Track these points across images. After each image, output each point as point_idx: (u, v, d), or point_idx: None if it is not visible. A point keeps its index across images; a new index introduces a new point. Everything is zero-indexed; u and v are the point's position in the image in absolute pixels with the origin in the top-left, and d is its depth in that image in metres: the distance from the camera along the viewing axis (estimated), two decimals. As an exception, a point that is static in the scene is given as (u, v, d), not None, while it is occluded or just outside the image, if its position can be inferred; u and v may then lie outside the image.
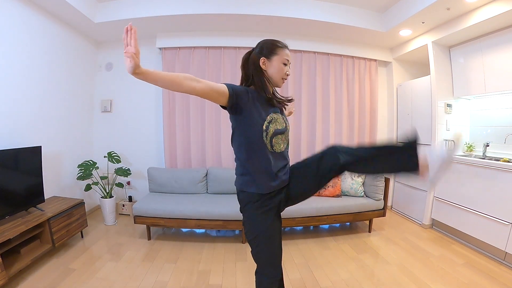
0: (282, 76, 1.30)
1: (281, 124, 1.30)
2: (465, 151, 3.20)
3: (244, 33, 3.44)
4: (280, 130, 1.29)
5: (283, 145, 1.32)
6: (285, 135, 1.33)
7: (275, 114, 1.29)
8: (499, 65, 2.64)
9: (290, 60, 1.31)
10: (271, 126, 1.26)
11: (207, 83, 1.09)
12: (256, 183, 1.27)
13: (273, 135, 1.26)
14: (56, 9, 2.72)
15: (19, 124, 2.49)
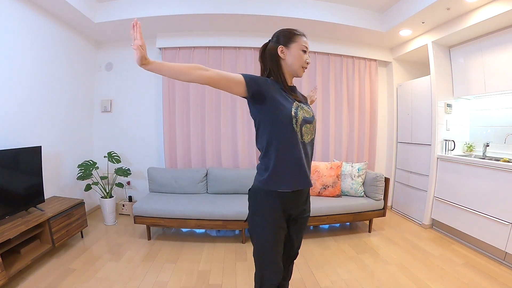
0: (302, 64, 1.23)
1: (308, 112, 1.24)
2: (465, 151, 3.21)
3: (244, 33, 3.44)
4: (308, 119, 1.22)
5: (311, 136, 1.25)
6: (313, 125, 1.26)
7: (299, 102, 1.24)
8: (499, 65, 2.64)
9: (308, 48, 1.26)
10: (299, 112, 1.18)
11: (216, 71, 1.09)
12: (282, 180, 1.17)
13: (303, 122, 1.18)
14: (56, 9, 2.72)
15: (19, 124, 2.49)
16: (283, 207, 1.22)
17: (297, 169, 1.18)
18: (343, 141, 3.74)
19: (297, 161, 1.17)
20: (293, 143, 1.16)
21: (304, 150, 1.20)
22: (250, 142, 3.53)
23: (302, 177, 1.20)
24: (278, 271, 1.24)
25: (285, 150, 1.16)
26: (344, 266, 2.33)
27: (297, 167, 1.18)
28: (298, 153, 1.17)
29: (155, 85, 3.64)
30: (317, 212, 2.80)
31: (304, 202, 1.31)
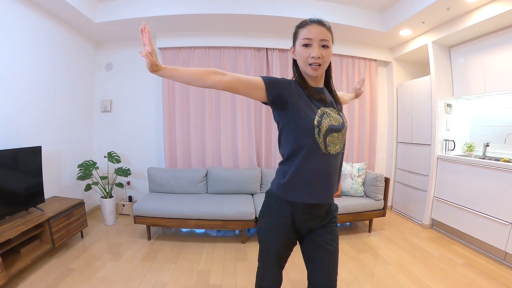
0: (305, 61, 1.05)
1: (336, 119, 1.09)
2: (465, 151, 3.21)
3: (244, 33, 3.44)
4: (336, 127, 1.07)
5: (339, 145, 1.09)
6: (342, 134, 1.10)
7: (327, 108, 1.09)
8: (499, 65, 2.64)
9: (315, 38, 1.02)
10: (324, 121, 1.05)
11: (234, 76, 1.01)
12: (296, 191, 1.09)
13: (328, 132, 1.05)
14: (56, 9, 2.72)
15: (19, 124, 2.49)
16: (295, 218, 1.12)
17: (315, 182, 1.07)
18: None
19: (317, 173, 1.06)
20: (314, 154, 1.05)
21: (327, 163, 1.06)
22: (250, 142, 3.52)
23: (320, 191, 1.08)
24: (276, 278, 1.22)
25: (305, 160, 1.05)
26: (344, 266, 2.32)
27: (316, 180, 1.07)
28: (318, 165, 1.05)
29: (155, 85, 3.64)
30: (317, 212, 2.80)
31: (325, 215, 1.16)
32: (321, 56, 1.03)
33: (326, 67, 1.11)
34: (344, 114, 1.17)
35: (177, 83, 3.46)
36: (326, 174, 1.08)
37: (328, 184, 1.09)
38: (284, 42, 3.50)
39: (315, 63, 1.04)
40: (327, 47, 1.05)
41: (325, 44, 1.04)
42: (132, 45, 3.64)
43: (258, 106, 3.58)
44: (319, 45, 1.03)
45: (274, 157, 3.60)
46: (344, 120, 1.13)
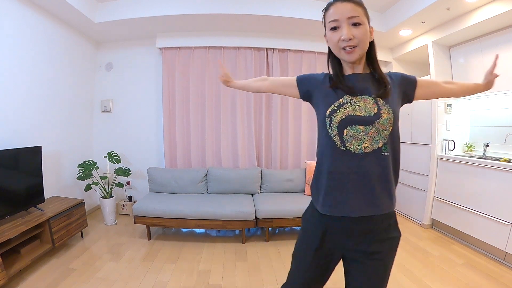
0: (337, 45, 0.90)
1: (365, 109, 0.88)
2: (465, 151, 3.20)
3: (244, 33, 3.44)
4: (358, 118, 0.87)
5: (369, 143, 0.87)
6: (376, 127, 0.87)
7: (356, 96, 0.90)
8: (499, 65, 2.63)
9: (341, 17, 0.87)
10: (341, 110, 0.88)
11: (273, 79, 1.16)
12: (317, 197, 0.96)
13: (343, 124, 0.88)
14: (56, 9, 2.72)
15: (19, 124, 2.49)
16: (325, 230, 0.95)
17: (332, 189, 0.90)
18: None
19: (332, 176, 0.89)
20: (328, 152, 0.90)
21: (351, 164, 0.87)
22: (250, 142, 3.52)
23: (340, 201, 0.89)
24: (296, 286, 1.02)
25: (321, 161, 0.93)
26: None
27: (332, 186, 0.89)
28: (331, 166, 0.89)
29: (155, 85, 3.64)
30: (317, 212, 2.80)
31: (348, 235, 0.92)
32: (353, 37, 0.86)
33: (367, 48, 0.92)
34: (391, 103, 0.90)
35: (177, 83, 3.46)
36: (345, 178, 0.88)
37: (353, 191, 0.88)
38: (284, 42, 3.51)
39: (348, 46, 0.87)
40: (359, 24, 0.87)
41: (356, 21, 0.86)
42: (132, 45, 3.65)
43: (258, 106, 3.58)
44: (348, 24, 0.87)
45: (274, 157, 3.60)
46: (382, 110, 0.88)
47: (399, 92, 0.97)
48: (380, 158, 0.88)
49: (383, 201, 0.89)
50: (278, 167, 3.61)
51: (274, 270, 2.25)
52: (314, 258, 0.97)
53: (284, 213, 2.75)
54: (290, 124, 3.62)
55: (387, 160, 0.89)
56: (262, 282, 2.08)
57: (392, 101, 0.92)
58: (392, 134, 0.90)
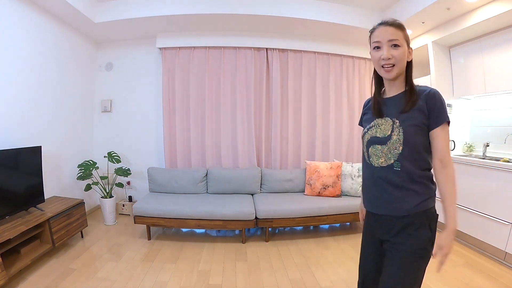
0: (378, 63, 1.04)
1: (383, 131, 1.05)
2: (465, 151, 3.20)
3: (244, 33, 3.44)
4: (377, 139, 1.06)
5: (384, 159, 1.04)
6: (388, 147, 1.02)
7: (382, 119, 1.07)
8: (499, 65, 2.64)
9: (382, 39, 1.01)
10: (369, 132, 1.11)
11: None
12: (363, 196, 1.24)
13: (369, 143, 1.10)
14: (56, 9, 2.72)
15: (19, 124, 2.49)
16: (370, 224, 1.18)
17: (366, 191, 1.17)
18: (343, 141, 3.74)
19: (365, 182, 1.17)
20: (364, 163, 1.17)
21: (371, 173, 1.09)
22: (250, 142, 3.53)
23: (369, 201, 1.14)
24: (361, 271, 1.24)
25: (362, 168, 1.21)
26: (344, 266, 2.32)
27: (366, 189, 1.16)
28: (365, 174, 1.17)
29: (155, 85, 3.64)
30: (317, 212, 2.80)
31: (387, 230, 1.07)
32: (392, 57, 1.00)
33: (404, 68, 1.04)
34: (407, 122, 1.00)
35: (177, 83, 3.46)
36: (370, 184, 1.12)
37: (373, 194, 1.10)
38: (284, 42, 3.51)
39: (387, 64, 1.01)
40: (398, 46, 1.00)
41: (395, 43, 1.00)
42: (132, 45, 3.65)
43: (258, 106, 3.58)
44: (388, 45, 1.00)
45: (274, 157, 3.60)
46: (394, 132, 1.02)
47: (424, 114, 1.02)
48: (393, 172, 1.03)
49: (398, 206, 1.03)
50: (278, 167, 3.61)
51: (274, 270, 2.25)
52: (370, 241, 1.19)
53: (284, 213, 2.75)
54: (290, 124, 3.62)
55: (399, 174, 1.02)
56: (262, 282, 2.08)
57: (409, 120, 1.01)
58: (404, 153, 1.00)
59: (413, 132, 1.00)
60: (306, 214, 2.78)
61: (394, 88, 1.09)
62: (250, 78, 3.51)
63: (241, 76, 3.51)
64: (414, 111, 1.00)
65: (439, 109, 1.03)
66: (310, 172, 3.20)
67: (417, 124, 1.01)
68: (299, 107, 3.63)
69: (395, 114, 1.04)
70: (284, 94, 3.61)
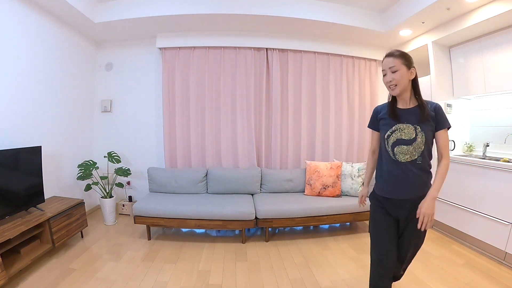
0: (386, 85, 1.45)
1: (408, 134, 1.40)
2: (465, 151, 3.20)
3: (244, 33, 3.44)
4: (404, 141, 1.41)
5: (410, 156, 1.40)
6: (413, 147, 1.39)
7: (404, 124, 1.42)
8: (499, 65, 2.64)
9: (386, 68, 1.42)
10: (393, 135, 1.44)
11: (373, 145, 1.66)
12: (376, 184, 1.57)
13: (394, 144, 1.43)
14: (56, 9, 2.72)
15: (19, 124, 2.49)
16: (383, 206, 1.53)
17: (384, 179, 1.49)
18: (343, 141, 3.74)
19: (388, 174, 1.47)
20: (386, 159, 1.48)
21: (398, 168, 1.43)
22: (250, 142, 3.53)
23: (388, 189, 1.47)
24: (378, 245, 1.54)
25: (381, 163, 1.53)
26: (344, 266, 2.32)
27: (388, 180, 1.47)
28: (387, 168, 1.46)
29: (155, 85, 3.64)
30: (317, 212, 2.80)
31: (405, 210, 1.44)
32: (392, 79, 1.39)
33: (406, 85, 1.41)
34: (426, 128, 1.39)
35: (177, 83, 3.46)
36: (393, 176, 1.45)
37: (397, 184, 1.44)
38: (284, 42, 3.51)
39: (390, 85, 1.41)
40: (397, 70, 1.38)
41: (394, 69, 1.38)
42: (132, 45, 3.65)
43: (258, 106, 3.58)
44: (389, 71, 1.40)
45: (274, 157, 3.60)
46: (420, 135, 1.39)
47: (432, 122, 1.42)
48: (416, 165, 1.41)
49: (416, 191, 1.41)
50: (278, 167, 3.61)
51: (274, 270, 2.25)
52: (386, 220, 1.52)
53: (284, 213, 2.75)
54: (290, 124, 3.62)
55: (420, 166, 1.41)
56: (262, 282, 2.08)
57: (427, 127, 1.40)
58: (424, 151, 1.40)
59: (431, 135, 1.41)
60: (306, 214, 2.78)
61: (403, 101, 1.46)
62: (250, 78, 3.51)
63: (241, 76, 3.51)
64: (429, 120, 1.39)
65: (443, 118, 1.43)
66: (310, 172, 3.20)
67: (431, 130, 1.41)
68: (299, 107, 3.64)
69: (415, 122, 1.40)
70: (284, 94, 3.61)
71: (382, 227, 1.51)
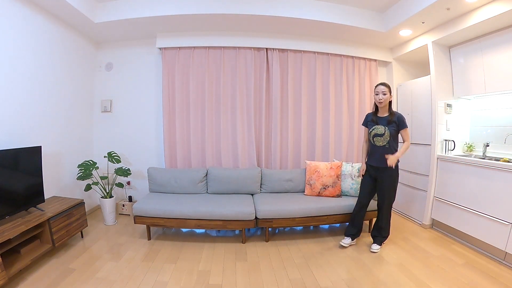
0: (376, 101, 2.52)
1: (380, 131, 2.48)
2: (465, 151, 3.20)
3: (244, 33, 3.44)
4: (378, 134, 2.49)
5: (382, 142, 2.48)
6: (384, 137, 2.47)
7: (379, 125, 2.50)
8: (499, 65, 2.64)
9: (379, 91, 2.48)
10: (373, 131, 2.53)
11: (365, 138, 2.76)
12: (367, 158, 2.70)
13: (374, 136, 2.53)
14: (56, 9, 2.73)
15: (19, 124, 2.49)
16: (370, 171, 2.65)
17: (371, 156, 2.61)
18: (343, 141, 3.74)
19: (372, 153, 2.59)
20: (371, 144, 2.61)
21: (376, 149, 2.53)
22: (250, 142, 3.53)
23: (372, 160, 2.58)
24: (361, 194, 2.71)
25: (370, 147, 2.64)
26: (344, 266, 2.33)
27: (372, 156, 2.59)
28: (372, 149, 2.60)
29: (155, 85, 3.64)
30: (317, 212, 2.80)
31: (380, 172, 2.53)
32: (382, 99, 2.47)
33: (387, 103, 2.50)
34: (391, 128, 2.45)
35: (177, 83, 3.46)
36: (374, 153, 2.56)
37: (378, 158, 2.51)
38: (284, 42, 3.51)
39: (380, 102, 2.48)
40: (385, 94, 2.46)
41: (384, 93, 2.46)
42: (132, 45, 3.65)
43: (258, 106, 3.58)
44: (382, 94, 2.47)
45: (274, 157, 3.60)
46: (386, 132, 2.46)
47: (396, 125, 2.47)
48: (385, 148, 2.48)
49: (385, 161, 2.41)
50: (278, 167, 3.61)
51: (274, 270, 2.25)
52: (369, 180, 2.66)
53: (284, 213, 2.75)
54: (290, 124, 3.62)
55: (388, 149, 2.47)
56: (262, 282, 2.08)
57: (391, 128, 2.46)
58: (390, 140, 2.47)
59: (393, 132, 2.47)
60: (306, 214, 2.78)
61: (382, 111, 2.55)
62: (250, 78, 3.51)
63: (241, 76, 3.51)
64: (393, 123, 2.46)
65: (403, 123, 2.46)
66: (310, 172, 3.20)
67: (395, 129, 2.46)
68: (299, 107, 3.64)
69: (385, 124, 2.49)
70: (284, 94, 3.61)
71: (365, 183, 2.67)
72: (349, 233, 2.69)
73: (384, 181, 2.50)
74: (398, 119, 2.43)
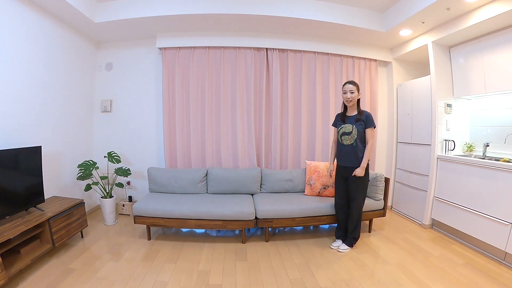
0: (344, 99, 2.54)
1: (347, 129, 2.51)
2: (465, 151, 3.20)
3: (244, 33, 3.44)
4: (346, 132, 2.52)
5: (349, 141, 2.50)
6: (351, 136, 2.48)
7: (347, 124, 2.53)
8: (499, 65, 2.64)
9: (347, 90, 2.49)
10: (341, 130, 2.56)
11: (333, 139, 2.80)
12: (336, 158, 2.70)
13: (342, 134, 2.55)
14: (56, 9, 2.73)
15: (19, 124, 2.49)
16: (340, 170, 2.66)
17: (340, 156, 2.62)
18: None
19: (340, 152, 2.62)
20: (338, 143, 2.63)
21: (344, 148, 2.55)
22: (250, 142, 3.53)
23: (341, 160, 2.60)
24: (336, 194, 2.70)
25: (337, 146, 2.66)
26: (344, 266, 2.33)
27: (340, 155, 2.62)
28: (339, 148, 2.63)
29: (155, 85, 3.64)
30: (317, 212, 2.80)
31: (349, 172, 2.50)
32: (350, 98, 2.48)
33: (356, 101, 2.52)
34: (358, 126, 2.47)
35: (177, 83, 3.46)
36: (342, 153, 2.58)
37: (345, 157, 2.55)
38: (284, 42, 3.51)
39: (347, 100, 2.51)
40: (353, 92, 2.48)
41: (352, 91, 2.48)
42: (132, 45, 3.65)
43: (258, 106, 3.58)
44: (349, 92, 2.49)
45: (274, 157, 3.60)
46: (354, 130, 2.48)
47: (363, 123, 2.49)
48: (353, 146, 2.50)
49: (353, 160, 2.50)
50: (278, 167, 3.61)
51: (274, 270, 2.25)
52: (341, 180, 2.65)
53: (284, 213, 2.75)
54: (290, 124, 3.62)
55: (356, 147, 2.49)
56: (262, 282, 2.08)
57: (359, 125, 2.48)
58: (357, 139, 2.48)
59: (361, 130, 2.48)
60: (306, 214, 2.78)
61: (351, 110, 2.57)
62: (250, 78, 3.51)
63: (241, 76, 3.51)
64: (361, 121, 2.48)
65: (370, 122, 2.47)
66: (310, 172, 3.20)
67: (362, 127, 2.47)
68: (299, 107, 3.63)
69: (353, 123, 2.51)
70: (284, 94, 3.61)
71: (338, 184, 2.67)
72: (338, 234, 2.73)
73: (353, 181, 2.49)
74: (367, 118, 2.45)
